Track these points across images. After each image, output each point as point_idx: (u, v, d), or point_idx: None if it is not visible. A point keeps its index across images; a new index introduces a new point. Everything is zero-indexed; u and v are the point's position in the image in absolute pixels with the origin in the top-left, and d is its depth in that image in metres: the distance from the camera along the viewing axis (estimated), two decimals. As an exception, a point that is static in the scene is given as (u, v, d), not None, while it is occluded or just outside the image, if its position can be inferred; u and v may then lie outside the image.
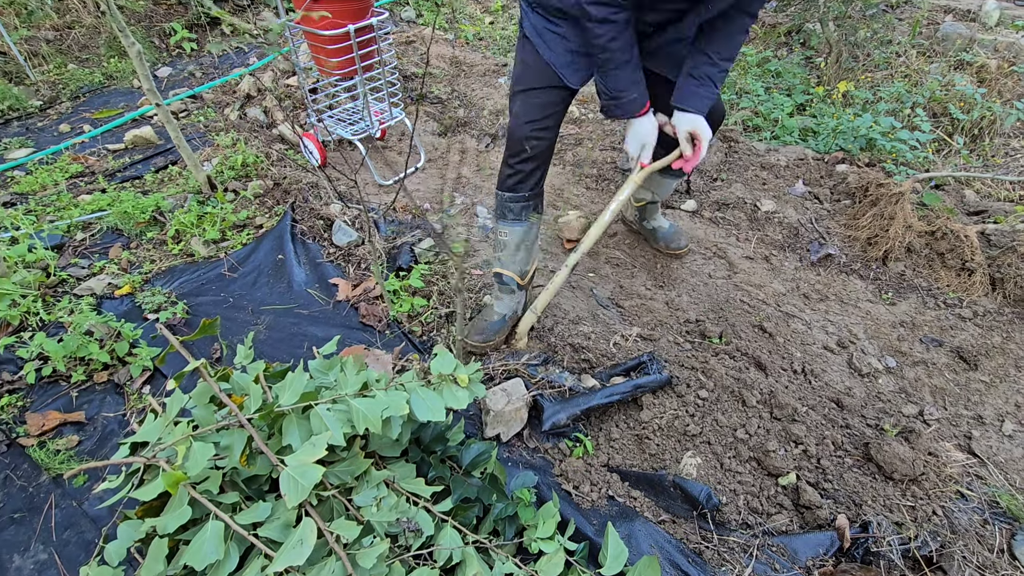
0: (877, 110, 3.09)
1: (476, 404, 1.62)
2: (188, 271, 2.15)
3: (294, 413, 1.10)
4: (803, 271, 2.32)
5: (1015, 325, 2.06)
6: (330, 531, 1.00)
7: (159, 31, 4.03)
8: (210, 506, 0.99)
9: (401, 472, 1.24)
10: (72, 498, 1.45)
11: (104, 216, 2.38)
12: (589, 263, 2.30)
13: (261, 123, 3.14)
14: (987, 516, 1.46)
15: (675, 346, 1.88)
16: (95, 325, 1.80)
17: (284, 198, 2.53)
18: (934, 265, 2.28)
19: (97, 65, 3.78)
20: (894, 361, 1.92)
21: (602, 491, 1.45)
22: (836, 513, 1.42)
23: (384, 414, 1.10)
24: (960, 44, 3.70)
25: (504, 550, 1.21)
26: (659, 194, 2.19)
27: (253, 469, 1.09)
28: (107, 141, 3.02)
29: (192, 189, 2.52)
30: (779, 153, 2.93)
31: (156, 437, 1.13)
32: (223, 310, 1.99)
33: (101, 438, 1.61)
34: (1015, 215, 2.41)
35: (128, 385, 1.75)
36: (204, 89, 3.44)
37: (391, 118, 2.73)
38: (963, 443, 1.68)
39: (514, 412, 1.55)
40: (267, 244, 2.26)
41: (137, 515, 1.05)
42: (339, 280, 2.09)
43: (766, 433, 1.58)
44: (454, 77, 3.74)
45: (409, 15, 4.63)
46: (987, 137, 3.08)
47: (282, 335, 1.91)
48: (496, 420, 1.54)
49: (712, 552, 1.34)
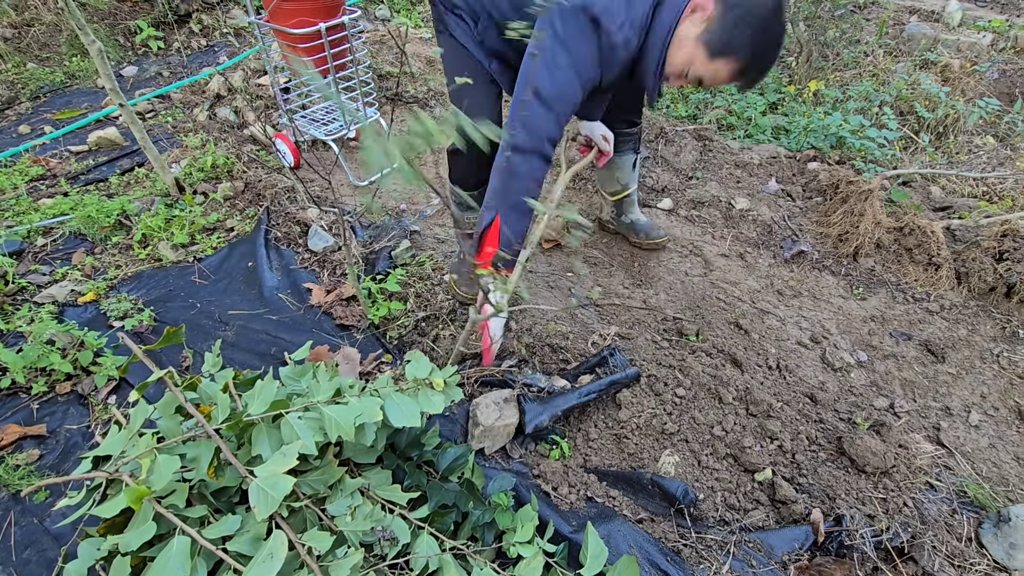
0: (846, 108, 3.16)
1: (464, 410, 1.60)
2: (156, 277, 2.08)
3: (264, 422, 1.07)
4: (777, 268, 2.35)
5: (979, 318, 2.12)
6: (302, 543, 0.97)
7: (124, 29, 3.91)
8: (176, 521, 0.95)
9: (376, 479, 1.21)
10: (33, 515, 1.40)
11: (67, 220, 2.30)
12: (566, 262, 2.30)
13: (232, 123, 3.07)
14: (955, 506, 1.49)
15: (653, 344, 1.89)
16: (57, 334, 1.73)
17: (256, 200, 2.48)
18: (902, 260, 2.33)
19: (58, 64, 3.66)
20: (865, 355, 1.96)
21: (580, 492, 1.45)
22: (811, 507, 1.44)
23: (357, 421, 1.08)
24: (925, 44, 3.79)
25: (483, 555, 1.19)
26: (624, 179, 2.21)
27: (222, 481, 1.06)
28: (69, 143, 2.92)
29: (160, 192, 2.45)
30: (752, 151, 2.97)
31: (119, 450, 1.09)
32: (192, 317, 1.94)
33: (64, 451, 1.55)
34: (978, 211, 2.48)
35: (93, 396, 1.69)
36: (172, 89, 3.35)
37: (365, 117, 2.69)
38: (932, 434, 1.72)
39: (503, 428, 1.52)
40: (239, 249, 2.21)
41: (99, 532, 1.01)
42: (313, 285, 2.06)
43: (742, 429, 1.60)
44: (430, 76, 3.71)
45: (384, 13, 4.58)
46: (951, 134, 3.16)
47: (253, 341, 1.86)
48: (484, 434, 1.51)
49: (690, 550, 1.35)
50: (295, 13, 2.30)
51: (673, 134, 3.01)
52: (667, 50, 1.40)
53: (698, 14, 1.34)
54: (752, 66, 1.37)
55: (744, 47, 1.33)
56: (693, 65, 1.40)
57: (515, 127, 1.43)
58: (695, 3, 1.35)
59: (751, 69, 1.38)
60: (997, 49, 3.82)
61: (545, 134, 1.43)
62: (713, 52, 1.35)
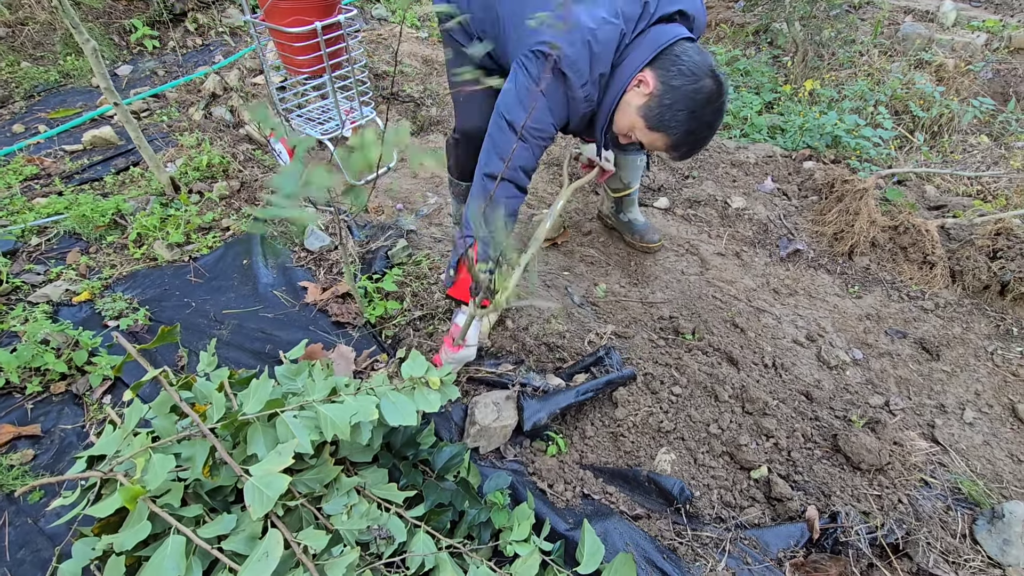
0: (842, 108, 3.17)
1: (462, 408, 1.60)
2: (151, 276, 2.08)
3: (259, 421, 1.07)
4: (773, 266, 2.36)
5: (974, 316, 2.13)
6: (297, 542, 0.97)
7: (119, 28, 3.89)
8: (171, 520, 0.95)
9: (372, 478, 1.21)
10: (27, 515, 1.39)
11: (61, 220, 2.28)
12: (563, 261, 2.30)
13: (227, 123, 3.06)
14: (950, 502, 1.50)
15: (649, 343, 1.89)
16: (51, 334, 1.73)
17: (252, 200, 2.47)
18: (897, 259, 2.34)
19: (52, 63, 3.63)
20: (861, 353, 1.97)
21: (577, 490, 1.45)
22: (806, 505, 1.45)
23: (353, 420, 1.08)
24: (919, 44, 3.81)
25: (479, 554, 1.19)
26: (627, 178, 2.22)
27: (217, 480, 1.06)
28: (64, 142, 2.91)
29: (155, 191, 2.44)
30: (748, 151, 2.98)
31: (114, 450, 1.09)
32: (187, 316, 1.93)
33: (58, 451, 1.54)
34: (972, 209, 2.49)
35: (87, 395, 1.68)
36: (167, 88, 3.33)
37: (361, 117, 2.69)
38: (926, 432, 1.72)
39: (500, 429, 1.52)
40: (235, 249, 2.20)
41: (94, 532, 1.01)
42: (308, 283, 2.05)
43: (738, 427, 1.60)
44: (427, 76, 3.71)
45: (380, 12, 4.57)
46: (946, 134, 3.18)
47: (249, 340, 1.86)
48: (480, 434, 1.51)
49: (686, 548, 1.35)
50: (291, 12, 2.29)
51: (669, 133, 3.02)
52: (614, 113, 1.52)
53: (642, 88, 1.45)
54: (683, 143, 1.48)
55: (677, 127, 1.44)
56: (634, 130, 1.52)
57: (489, 157, 1.50)
58: (640, 77, 1.45)
59: (682, 145, 1.49)
60: (991, 49, 3.83)
61: (520, 164, 1.50)
62: (650, 125, 1.47)
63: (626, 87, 1.46)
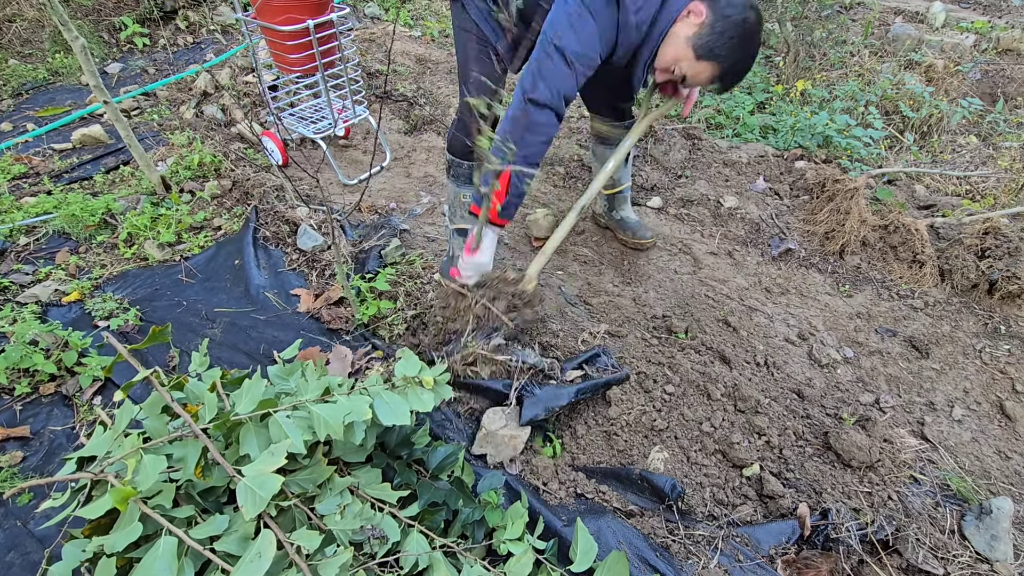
0: (833, 108, 3.19)
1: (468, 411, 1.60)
2: (142, 276, 2.06)
3: (252, 421, 1.07)
4: (765, 265, 2.38)
5: (962, 314, 2.16)
6: (290, 542, 0.97)
7: (109, 25, 3.86)
8: (162, 521, 0.95)
9: (366, 478, 1.21)
10: (16, 517, 1.38)
11: (50, 219, 2.26)
12: (557, 261, 2.30)
13: (219, 121, 3.04)
14: (939, 499, 1.52)
15: (642, 342, 1.90)
16: (40, 334, 1.71)
17: (244, 199, 2.46)
18: (887, 258, 2.36)
19: (41, 60, 3.60)
20: (851, 351, 1.98)
21: (570, 488, 1.46)
22: (798, 502, 1.46)
23: (346, 419, 1.07)
24: (909, 44, 3.85)
25: (473, 553, 1.20)
26: (617, 173, 2.23)
27: (209, 481, 1.05)
28: (53, 140, 2.88)
29: (145, 190, 2.42)
30: (741, 150, 2.99)
31: (105, 451, 1.08)
32: (179, 315, 1.92)
33: (48, 453, 1.53)
34: (961, 209, 2.52)
35: (77, 396, 1.67)
36: (158, 86, 3.31)
37: (354, 116, 2.68)
38: (916, 429, 1.74)
39: (508, 438, 1.50)
40: (227, 248, 2.19)
41: (84, 534, 1.00)
42: (301, 290, 2.03)
43: (731, 425, 1.61)
44: (420, 75, 3.70)
45: (373, 11, 4.56)
46: (935, 134, 3.21)
47: (241, 340, 1.85)
48: (487, 439, 1.50)
49: (679, 545, 1.36)
50: (282, 10, 2.28)
51: (662, 133, 3.03)
52: (660, 44, 1.53)
53: (692, 18, 1.47)
54: (730, 71, 1.52)
55: (727, 55, 1.48)
56: (680, 63, 1.52)
57: (535, 82, 1.48)
58: (691, 7, 1.47)
59: (728, 74, 1.53)
60: (979, 50, 3.88)
61: (564, 91, 1.49)
62: (699, 54, 1.48)
63: (676, 17, 1.48)
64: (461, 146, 1.95)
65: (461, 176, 2.02)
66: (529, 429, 1.55)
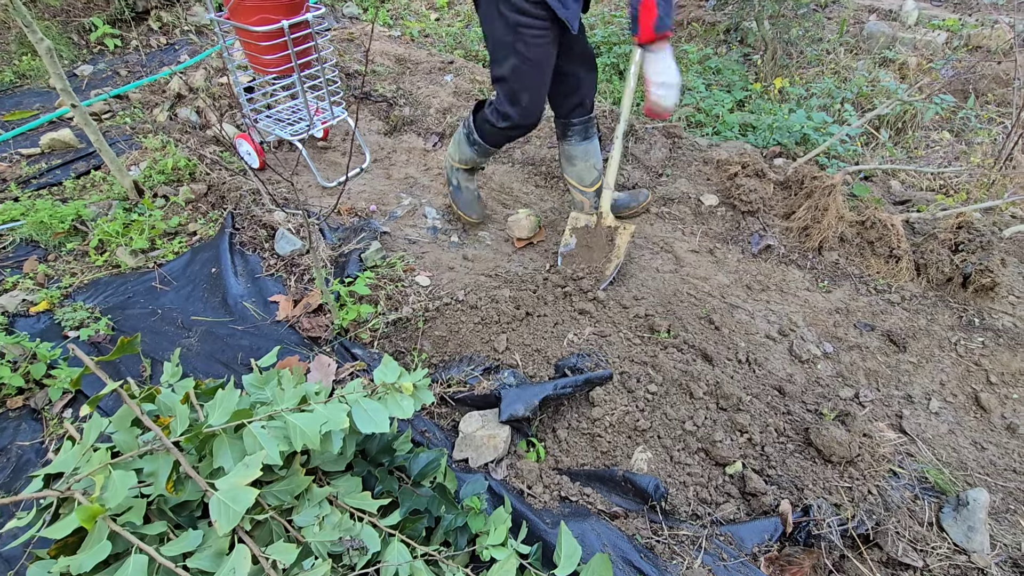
0: (810, 105, 3.23)
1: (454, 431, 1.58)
2: (114, 284, 2.01)
3: (226, 433, 1.04)
4: (745, 263, 2.39)
5: (938, 308, 2.19)
6: (266, 556, 0.95)
7: (78, 26, 3.76)
8: (132, 539, 0.92)
9: (346, 487, 1.19)
10: (-17, 537, 1.33)
11: (17, 227, 2.20)
12: (540, 261, 2.30)
13: (193, 124, 2.98)
14: (917, 492, 1.54)
15: (625, 341, 1.90)
16: (6, 346, 1.66)
17: (220, 203, 2.41)
18: (865, 253, 2.39)
19: (7, 63, 3.50)
20: (831, 347, 2.01)
21: (554, 492, 1.45)
22: (780, 499, 1.47)
23: (323, 429, 1.05)
24: (883, 42, 3.90)
25: (456, 560, 1.18)
26: (599, 164, 2.29)
27: (182, 495, 1.02)
28: (20, 145, 2.80)
29: (117, 195, 2.36)
30: (720, 148, 3.01)
31: (72, 467, 1.04)
32: (153, 324, 1.87)
33: (16, 469, 1.48)
34: (935, 204, 2.56)
35: (47, 410, 1.62)
36: (130, 89, 3.23)
37: (332, 117, 2.65)
38: (895, 422, 1.77)
39: (487, 438, 1.49)
40: (203, 255, 2.14)
41: (50, 554, 0.96)
42: (280, 297, 1.99)
43: (713, 424, 1.62)
44: (399, 75, 3.66)
45: (351, 11, 4.51)
46: (910, 130, 3.26)
47: (218, 349, 1.81)
48: (465, 443, 1.49)
49: (663, 546, 1.36)
50: (256, 11, 2.24)
51: (643, 132, 3.04)
52: None
53: None
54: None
55: None
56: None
57: None
58: None
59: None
60: (951, 47, 3.95)
61: None
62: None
63: None
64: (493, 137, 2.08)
65: (470, 137, 2.18)
66: (509, 429, 1.53)
